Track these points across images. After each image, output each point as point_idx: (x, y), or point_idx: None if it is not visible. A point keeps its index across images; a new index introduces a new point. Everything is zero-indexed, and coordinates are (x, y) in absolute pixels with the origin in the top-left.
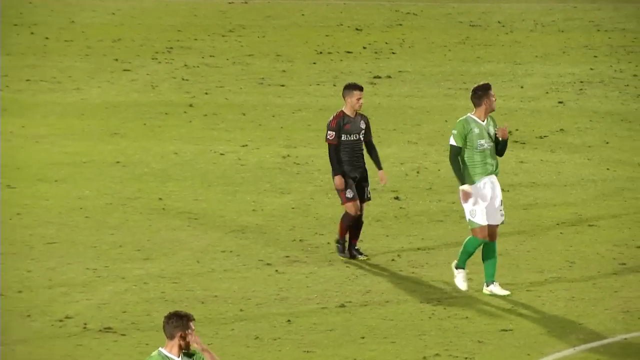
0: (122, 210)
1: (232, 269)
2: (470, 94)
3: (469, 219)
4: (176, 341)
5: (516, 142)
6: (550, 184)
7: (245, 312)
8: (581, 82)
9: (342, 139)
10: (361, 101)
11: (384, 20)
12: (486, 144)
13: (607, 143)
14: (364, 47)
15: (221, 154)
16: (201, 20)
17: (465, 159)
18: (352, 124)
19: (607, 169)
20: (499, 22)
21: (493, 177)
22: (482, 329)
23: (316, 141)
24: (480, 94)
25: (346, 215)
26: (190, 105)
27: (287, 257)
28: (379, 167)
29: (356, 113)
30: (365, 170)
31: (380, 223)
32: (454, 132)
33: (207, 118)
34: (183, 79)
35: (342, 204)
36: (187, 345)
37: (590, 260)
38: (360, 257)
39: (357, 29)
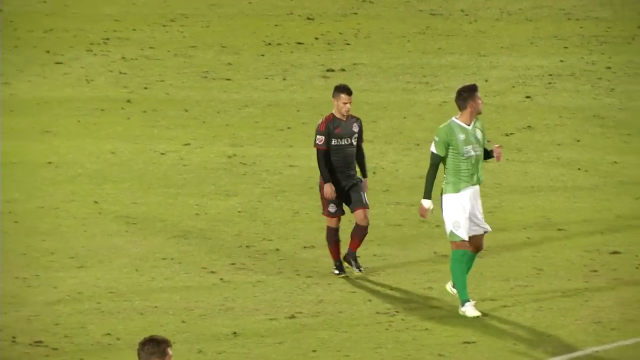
0: (55, 215)
1: (173, 277)
2: (455, 95)
3: (450, 231)
4: None
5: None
6: (517, 185)
7: (188, 323)
8: (550, 75)
9: (332, 143)
10: (348, 106)
11: (338, 8)
12: (473, 150)
13: (578, 141)
14: (316, 38)
15: (162, 154)
16: (140, 9)
17: (450, 167)
18: (343, 128)
19: (578, 169)
20: (461, 10)
21: (477, 187)
22: (443, 341)
23: (264, 139)
24: (466, 95)
25: (328, 230)
26: (128, 101)
27: (233, 264)
28: (364, 175)
29: (348, 116)
30: (359, 178)
31: None
32: (436, 138)
33: (146, 115)
34: (120, 73)
35: (323, 214)
36: None
37: (560, 267)
38: (355, 270)
39: (308, 18)
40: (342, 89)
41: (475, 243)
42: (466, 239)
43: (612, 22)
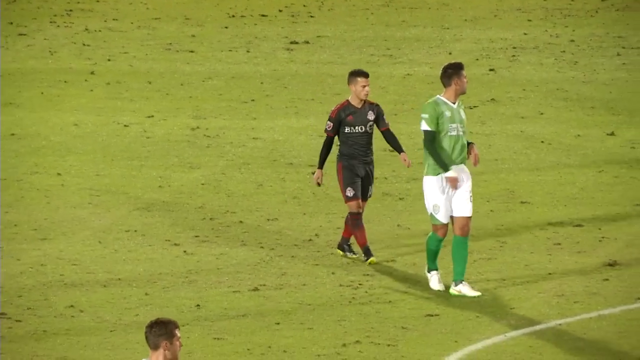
0: (18, 187)
1: (136, 249)
2: (440, 72)
3: (431, 214)
4: (161, 352)
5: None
6: (481, 158)
7: (151, 296)
8: (514, 48)
9: (346, 131)
10: (367, 89)
11: None
12: (457, 129)
13: (542, 114)
14: (280, 10)
15: (125, 126)
16: None
17: (435, 145)
18: (357, 115)
19: (542, 141)
20: None
21: (461, 166)
22: (406, 314)
23: (228, 112)
24: (451, 72)
25: (350, 216)
26: (92, 73)
27: (197, 237)
28: (400, 150)
29: (364, 102)
30: (372, 167)
31: (297, 200)
32: (425, 116)
33: (110, 87)
34: (84, 45)
35: (345, 202)
36: (175, 355)
37: (523, 240)
38: (349, 255)
39: None
40: (359, 73)
41: (456, 225)
42: (444, 222)
43: None
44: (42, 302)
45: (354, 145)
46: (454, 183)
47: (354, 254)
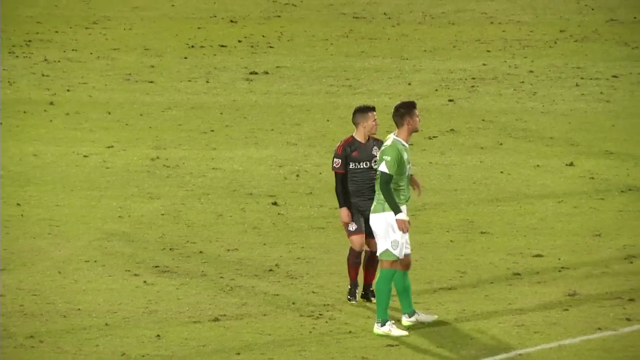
0: None
1: (96, 280)
2: (393, 112)
3: (387, 250)
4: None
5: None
6: (440, 188)
7: (111, 326)
8: (473, 78)
9: (350, 167)
10: (377, 122)
11: (261, 11)
12: (410, 169)
13: (501, 144)
14: (239, 41)
15: (85, 156)
16: (62, 10)
17: (392, 185)
18: (362, 151)
19: (501, 172)
20: (384, 13)
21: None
22: (367, 344)
23: (187, 142)
24: (403, 111)
25: (350, 251)
26: (51, 103)
27: (157, 267)
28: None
29: (369, 138)
30: None
31: (257, 230)
32: (387, 158)
33: (69, 117)
34: (43, 75)
35: (348, 237)
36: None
37: (483, 270)
38: (374, 300)
39: (231, 21)
40: (368, 108)
41: (406, 261)
42: (400, 257)
43: (534, 26)
44: (2, 333)
45: (358, 182)
46: (405, 226)
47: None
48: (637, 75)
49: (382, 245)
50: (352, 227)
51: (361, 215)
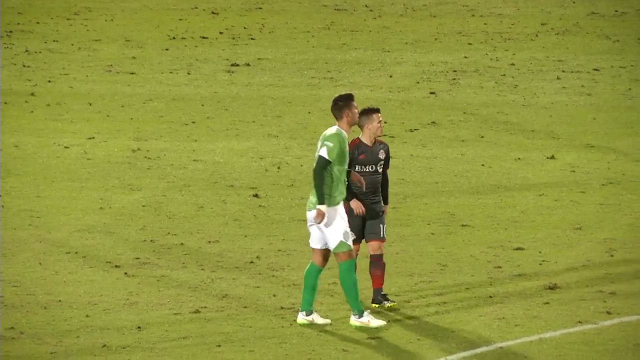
0: None
1: (77, 271)
2: (331, 105)
3: (341, 241)
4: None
5: (384, 135)
6: (421, 180)
7: (92, 318)
8: (454, 71)
9: (356, 170)
10: (382, 124)
11: (242, 3)
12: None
13: (482, 137)
14: (221, 33)
15: (65, 147)
16: (43, 1)
17: (335, 175)
18: (369, 154)
19: (482, 165)
20: (366, 6)
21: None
22: (348, 336)
23: (168, 134)
24: (341, 104)
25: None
26: (32, 94)
27: (137, 258)
28: (385, 202)
29: (375, 141)
30: (382, 207)
31: (238, 222)
32: (329, 144)
33: (50, 108)
34: (24, 66)
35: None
36: None
37: (464, 263)
38: (387, 304)
39: (213, 13)
40: (373, 110)
41: (324, 258)
42: (351, 245)
43: (516, 19)
44: None
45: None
46: (321, 218)
47: (391, 302)
48: (618, 68)
49: (335, 238)
50: (352, 236)
51: (361, 222)
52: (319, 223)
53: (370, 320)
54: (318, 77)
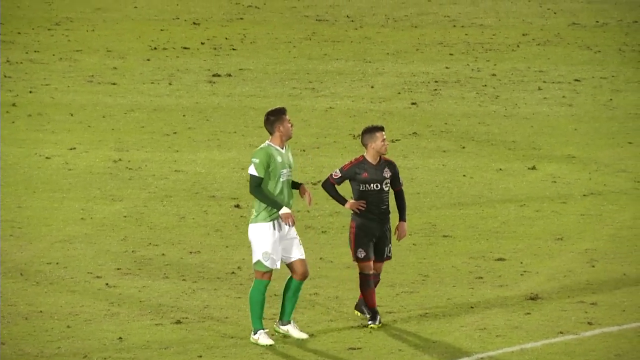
0: None
1: (58, 282)
2: (263, 120)
3: (258, 261)
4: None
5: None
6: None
7: (73, 328)
8: (436, 81)
9: (361, 189)
10: (386, 142)
11: (224, 13)
12: (288, 173)
13: (464, 148)
14: (202, 43)
15: (47, 158)
16: (24, 12)
17: (268, 189)
18: (372, 173)
19: (464, 175)
20: (347, 16)
21: (288, 210)
22: (329, 347)
23: (150, 144)
24: (273, 119)
25: (360, 277)
26: (13, 105)
27: (119, 269)
28: (402, 219)
29: (380, 159)
30: (388, 227)
31: (219, 233)
32: (255, 160)
33: (31, 119)
34: (5, 76)
35: (355, 262)
36: None
37: (445, 274)
38: (368, 315)
39: (194, 23)
40: (376, 128)
41: (298, 270)
42: (274, 268)
43: (497, 30)
44: None
45: (368, 204)
46: (289, 219)
47: (376, 323)
48: (600, 79)
49: (255, 256)
50: (361, 254)
51: (371, 238)
52: (292, 225)
53: (259, 338)
54: (299, 87)
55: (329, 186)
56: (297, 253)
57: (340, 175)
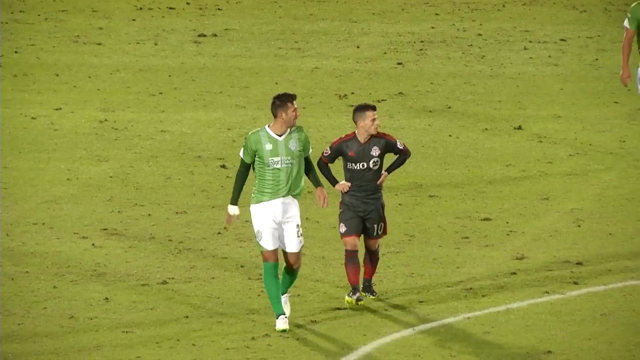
0: None
1: (44, 242)
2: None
3: (256, 241)
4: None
5: (351, 106)
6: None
7: (59, 289)
8: (422, 41)
9: (348, 167)
10: (377, 122)
11: None
12: (282, 162)
13: (449, 108)
14: (188, 3)
15: (32, 118)
16: None
17: (257, 176)
18: (359, 152)
19: (449, 135)
20: None
21: (289, 199)
22: (315, 307)
23: (136, 105)
24: (278, 104)
25: (345, 252)
26: None
27: (105, 229)
28: (387, 169)
29: (369, 137)
30: (380, 206)
31: (205, 193)
32: (244, 145)
33: (17, 79)
34: None
35: (341, 238)
36: None
37: (431, 234)
38: (370, 296)
39: None
40: (366, 107)
41: (287, 260)
42: (270, 247)
43: None
44: None
45: (356, 182)
46: (228, 218)
47: (374, 294)
48: (585, 39)
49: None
50: (342, 229)
51: (355, 215)
52: (227, 222)
53: (276, 323)
54: (285, 47)
55: (322, 165)
56: (289, 245)
57: (329, 152)
